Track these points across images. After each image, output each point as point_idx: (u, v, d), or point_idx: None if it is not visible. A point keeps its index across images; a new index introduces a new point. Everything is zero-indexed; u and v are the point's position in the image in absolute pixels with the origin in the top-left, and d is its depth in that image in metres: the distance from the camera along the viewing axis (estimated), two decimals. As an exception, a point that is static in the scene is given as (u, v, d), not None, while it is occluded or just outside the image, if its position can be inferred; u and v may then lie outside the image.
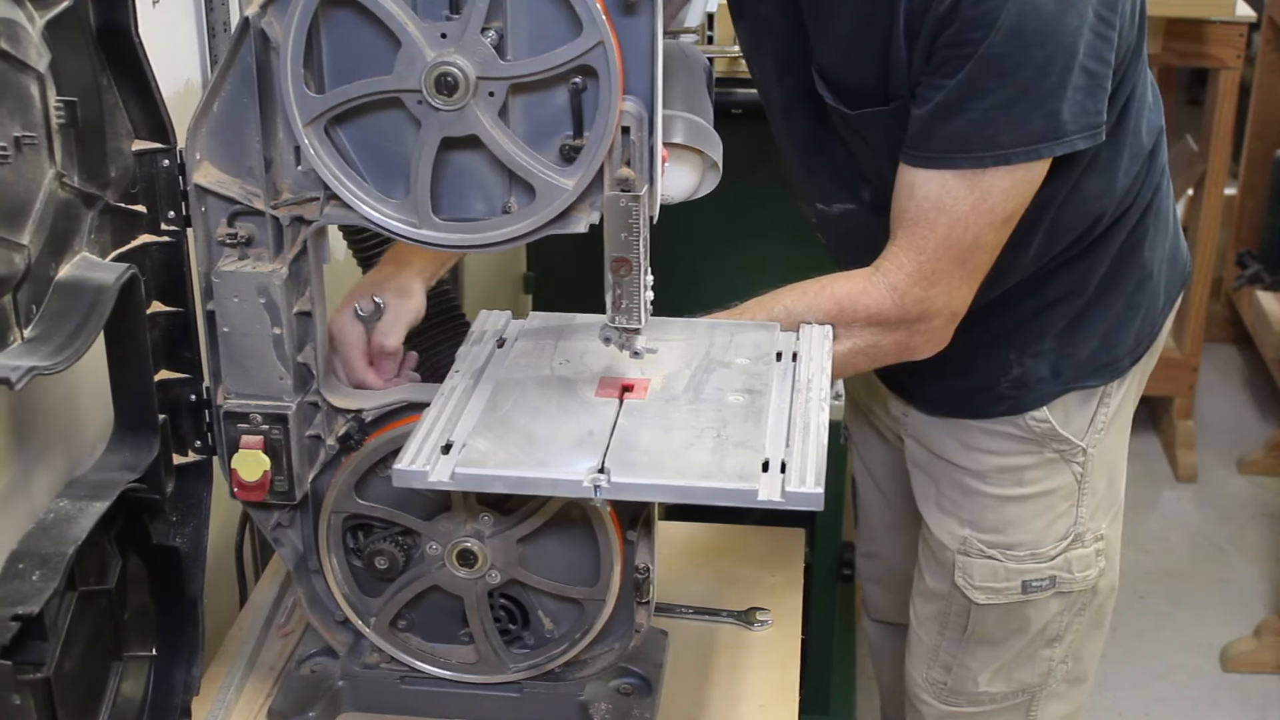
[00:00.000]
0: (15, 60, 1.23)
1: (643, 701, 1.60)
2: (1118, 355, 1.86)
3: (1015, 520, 1.89)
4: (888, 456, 2.12)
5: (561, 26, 1.28)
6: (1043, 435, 1.86)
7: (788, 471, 1.35)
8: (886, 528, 2.21)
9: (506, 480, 1.38)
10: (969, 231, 1.61)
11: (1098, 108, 1.59)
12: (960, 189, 1.59)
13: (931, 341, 1.70)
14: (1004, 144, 1.56)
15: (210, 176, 1.41)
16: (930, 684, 2.04)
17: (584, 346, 1.56)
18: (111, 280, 1.36)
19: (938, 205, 1.60)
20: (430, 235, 1.37)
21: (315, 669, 1.65)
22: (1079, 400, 1.86)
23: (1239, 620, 3.43)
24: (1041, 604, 1.93)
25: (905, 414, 1.98)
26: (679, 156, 1.52)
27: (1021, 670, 1.99)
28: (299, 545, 1.59)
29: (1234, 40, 3.65)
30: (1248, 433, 4.22)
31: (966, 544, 1.92)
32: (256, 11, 1.32)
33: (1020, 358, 1.83)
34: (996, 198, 1.59)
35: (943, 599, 1.98)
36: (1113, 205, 1.77)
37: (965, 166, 1.58)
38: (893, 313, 1.65)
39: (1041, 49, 1.53)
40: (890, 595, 2.26)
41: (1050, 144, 1.57)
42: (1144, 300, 1.86)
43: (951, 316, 1.68)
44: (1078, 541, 1.91)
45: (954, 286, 1.65)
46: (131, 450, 1.46)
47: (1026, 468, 1.88)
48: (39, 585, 1.28)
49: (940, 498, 1.95)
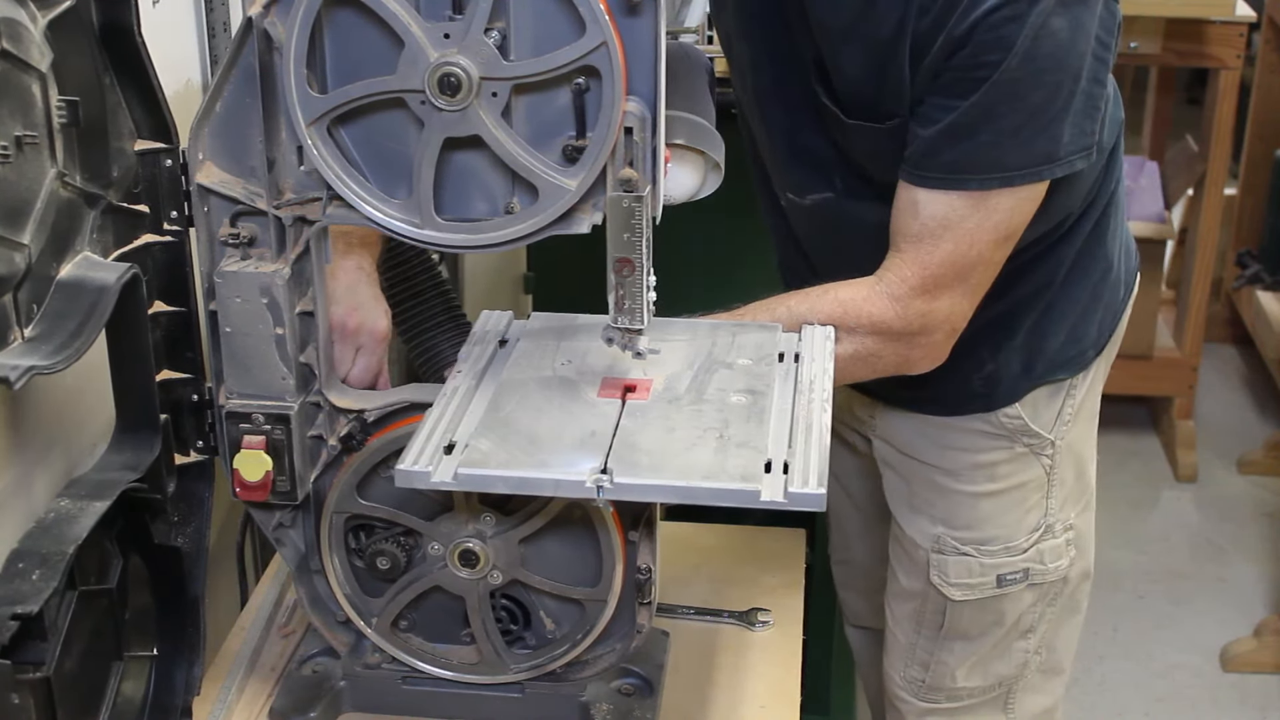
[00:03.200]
0: (17, 60, 1.23)
1: (644, 702, 1.60)
2: (1083, 348, 1.88)
3: (989, 516, 1.91)
4: (853, 460, 2.12)
5: (564, 27, 1.28)
6: (1014, 430, 1.87)
7: (790, 472, 1.35)
8: (856, 533, 2.21)
9: (509, 481, 1.38)
10: (974, 249, 1.62)
11: (1093, 128, 1.61)
12: (966, 208, 1.60)
13: (929, 357, 1.71)
14: (1010, 166, 1.57)
15: (213, 176, 1.41)
16: (908, 682, 2.05)
17: (586, 347, 1.56)
18: (113, 280, 1.36)
19: (944, 224, 1.61)
20: (433, 236, 1.37)
21: (316, 669, 1.65)
22: (1047, 394, 1.88)
23: (1239, 620, 3.43)
24: (1015, 596, 1.94)
25: (872, 415, 1.98)
26: (681, 157, 1.52)
27: (998, 663, 2.00)
28: (300, 545, 1.59)
29: (1234, 40, 3.65)
30: (1248, 433, 4.22)
31: (940, 541, 1.93)
32: (259, 11, 1.32)
33: (993, 355, 1.84)
34: (1000, 215, 1.60)
35: (918, 597, 1.98)
36: (1079, 203, 1.78)
37: (973, 189, 1.59)
38: (895, 323, 1.65)
39: (1054, 74, 1.54)
40: (866, 600, 2.27)
41: (1052, 165, 1.59)
42: (1106, 291, 1.89)
43: (951, 332, 1.69)
44: (1049, 533, 1.93)
45: (955, 301, 1.66)
46: (133, 450, 1.46)
47: (999, 463, 1.89)
48: (39, 584, 1.28)
49: (912, 496, 1.96)
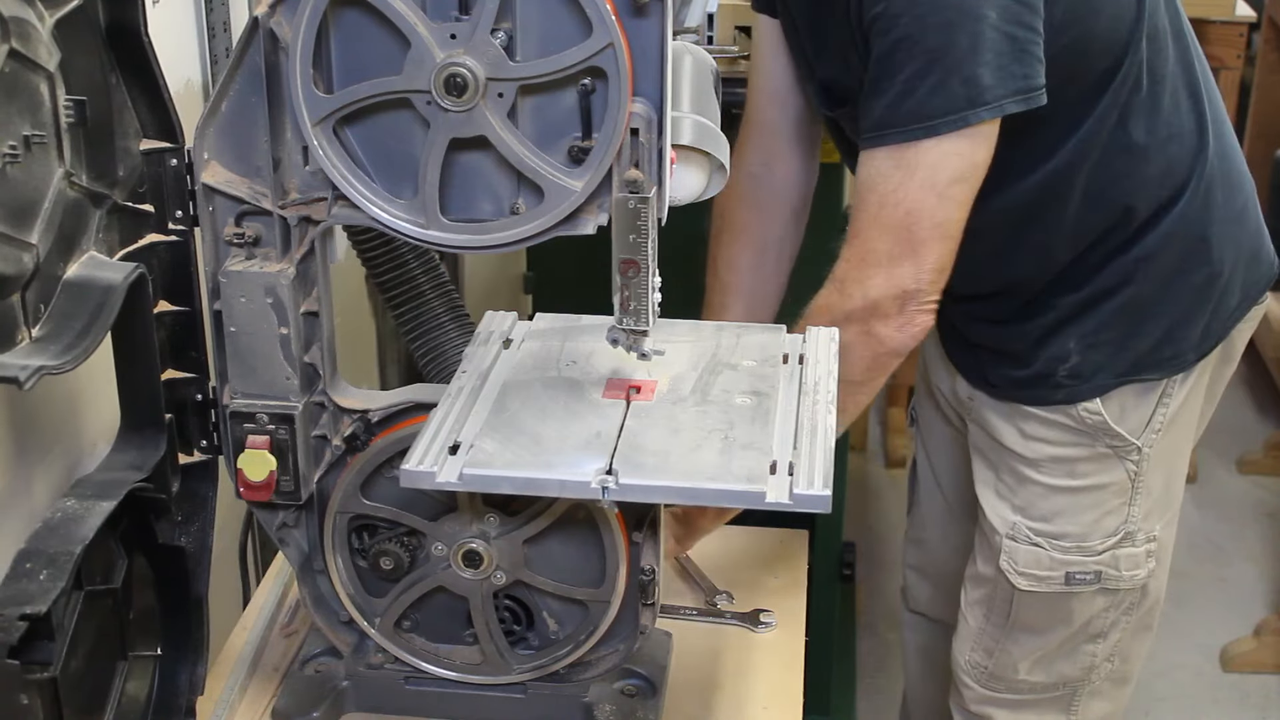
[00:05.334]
0: (25, 59, 1.23)
1: (647, 703, 1.60)
2: (1182, 349, 1.86)
3: (1064, 511, 1.90)
4: (949, 442, 2.13)
5: (571, 28, 1.28)
6: (1094, 428, 1.86)
7: (795, 473, 1.35)
8: (937, 516, 2.22)
9: (514, 481, 1.38)
10: (900, 207, 1.62)
11: (1026, 71, 1.59)
12: (887, 165, 1.61)
13: (895, 327, 1.67)
14: (930, 114, 1.58)
15: (218, 176, 1.41)
16: (972, 666, 2.05)
17: (591, 348, 1.56)
18: (119, 280, 1.36)
19: (868, 185, 1.63)
20: (438, 236, 1.37)
21: (319, 669, 1.65)
22: (1136, 394, 1.86)
23: (1239, 620, 3.43)
24: (1086, 598, 1.94)
25: (971, 397, 1.98)
26: (686, 158, 1.51)
27: (1062, 662, 2.00)
28: (304, 545, 1.58)
29: (1234, 40, 3.66)
30: (1248, 433, 4.22)
31: (1015, 529, 1.93)
32: (265, 11, 1.32)
33: (1079, 347, 1.83)
34: (924, 170, 1.60)
35: (990, 583, 1.99)
36: (1152, 187, 1.78)
37: (894, 142, 1.60)
38: (837, 302, 1.66)
39: (939, 15, 1.56)
40: (930, 586, 2.27)
41: (977, 110, 1.58)
42: (1213, 295, 1.86)
43: (902, 297, 1.65)
44: (1128, 540, 1.92)
45: (893, 267, 1.64)
46: (138, 450, 1.46)
47: (1078, 460, 1.88)
48: (46, 585, 1.28)
49: (997, 483, 1.96)
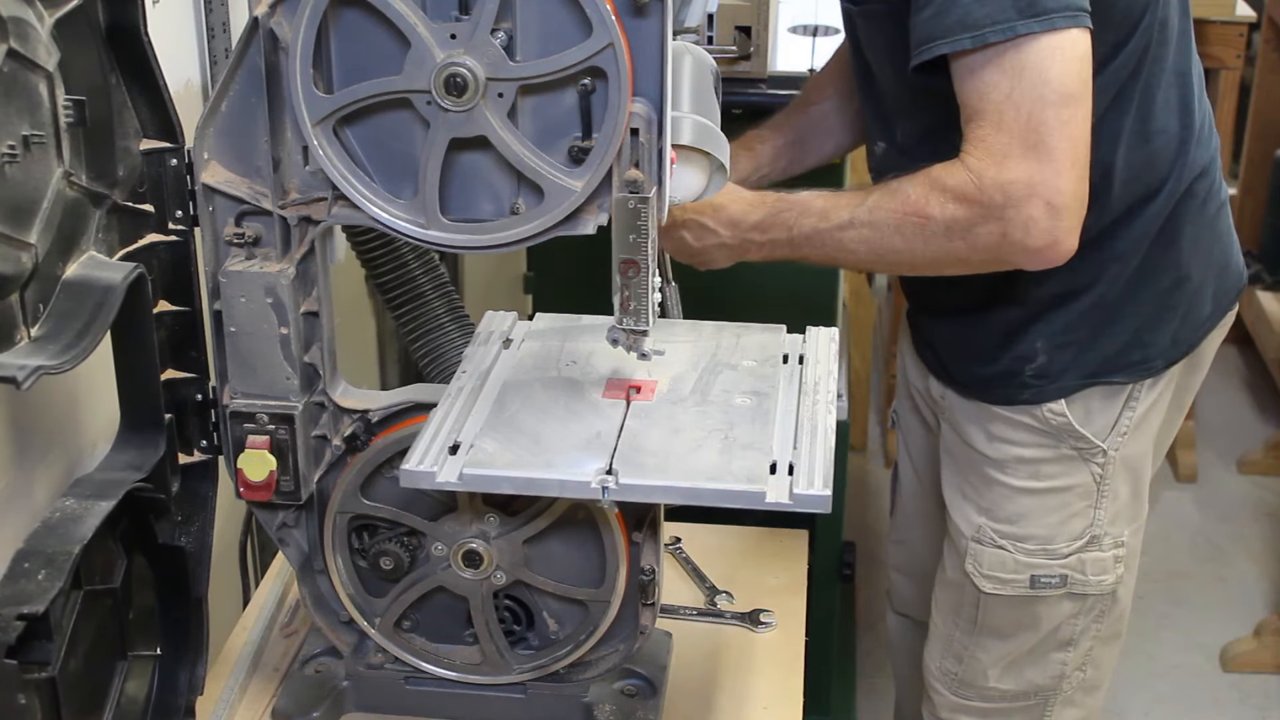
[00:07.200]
0: (24, 59, 1.23)
1: (647, 703, 1.60)
2: (1150, 355, 1.85)
3: (1029, 513, 1.90)
4: (927, 442, 2.13)
5: (571, 28, 1.28)
6: (1059, 429, 1.85)
7: (795, 473, 1.35)
8: (918, 515, 2.21)
9: (514, 481, 1.38)
10: (1021, 109, 1.56)
11: None
12: (994, 75, 1.56)
13: (1035, 234, 1.60)
14: (1038, 9, 1.54)
15: (218, 176, 1.41)
16: (943, 674, 2.05)
17: (591, 348, 1.56)
18: (119, 279, 1.36)
19: (979, 97, 1.58)
20: (438, 236, 1.37)
21: (319, 669, 1.65)
22: (1102, 397, 1.85)
23: (1239, 620, 3.43)
24: (1053, 603, 1.93)
25: (943, 396, 1.98)
26: (686, 158, 1.51)
27: (1032, 670, 1.99)
28: (304, 545, 1.58)
29: (1234, 40, 3.65)
30: (1248, 433, 4.21)
31: (980, 532, 1.92)
32: (265, 11, 1.32)
33: (1046, 347, 1.83)
34: (1032, 73, 1.55)
35: (957, 588, 1.98)
36: (1129, 178, 1.76)
37: (995, 40, 1.54)
38: (974, 194, 1.60)
39: None
40: (913, 587, 2.27)
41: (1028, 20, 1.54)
42: (1181, 301, 1.85)
43: (1048, 208, 1.59)
44: (1094, 544, 1.91)
45: (1033, 169, 1.58)
46: (138, 449, 1.46)
47: (1043, 461, 1.88)
48: (45, 584, 1.28)
49: (963, 484, 1.95)
